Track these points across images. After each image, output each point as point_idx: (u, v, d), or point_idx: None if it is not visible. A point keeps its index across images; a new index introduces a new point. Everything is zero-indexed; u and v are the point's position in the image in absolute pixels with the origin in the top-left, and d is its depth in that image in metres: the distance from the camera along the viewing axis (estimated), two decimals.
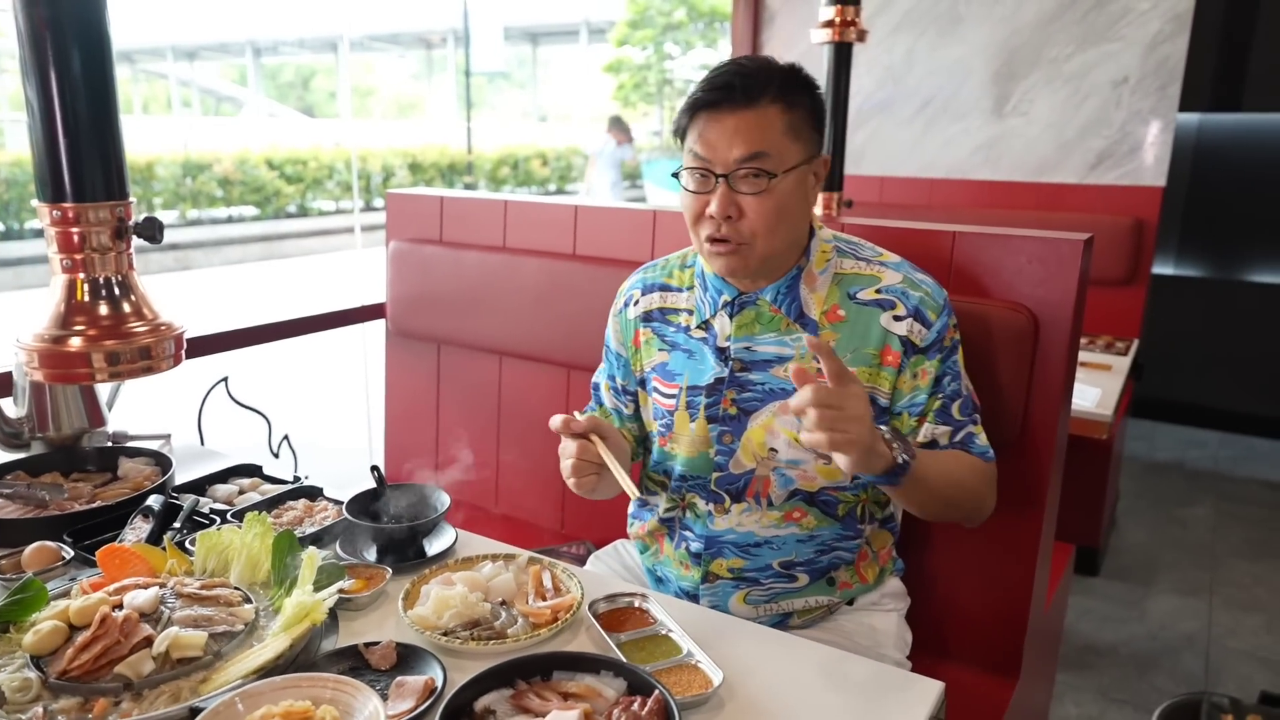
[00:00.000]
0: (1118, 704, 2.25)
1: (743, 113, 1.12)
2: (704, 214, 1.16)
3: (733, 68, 1.14)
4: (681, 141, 1.19)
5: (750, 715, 0.90)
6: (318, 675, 0.84)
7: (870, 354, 1.19)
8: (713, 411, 1.24)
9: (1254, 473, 3.83)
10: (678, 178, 1.18)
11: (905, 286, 1.20)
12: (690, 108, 1.16)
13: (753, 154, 1.12)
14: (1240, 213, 4.18)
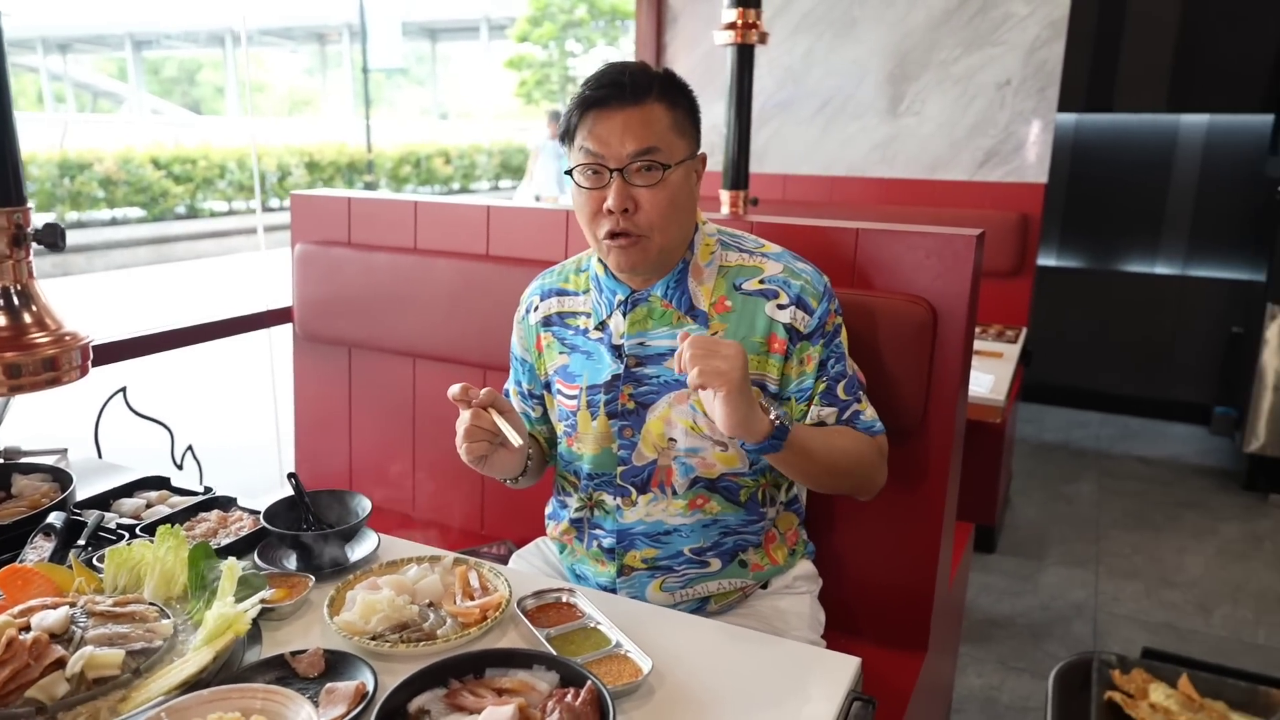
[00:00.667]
0: (1016, 672, 2.38)
1: (631, 109, 1.16)
2: (600, 210, 1.18)
3: (615, 69, 1.18)
4: (569, 142, 1.21)
5: (679, 700, 0.94)
6: (246, 686, 0.83)
7: (757, 342, 1.24)
8: (612, 408, 1.27)
9: (1130, 449, 4.10)
10: (570, 175, 1.21)
11: (787, 276, 1.25)
12: (579, 106, 1.18)
13: (645, 148, 1.16)
14: (1115, 207, 4.47)
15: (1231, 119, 4.18)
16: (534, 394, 1.39)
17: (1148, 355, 4.45)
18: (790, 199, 3.62)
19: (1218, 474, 3.80)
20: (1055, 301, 4.43)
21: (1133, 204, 4.43)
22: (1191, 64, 4.09)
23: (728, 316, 1.25)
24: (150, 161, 11.63)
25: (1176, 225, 4.39)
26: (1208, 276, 4.34)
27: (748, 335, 1.24)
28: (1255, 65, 3.95)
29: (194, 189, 12.03)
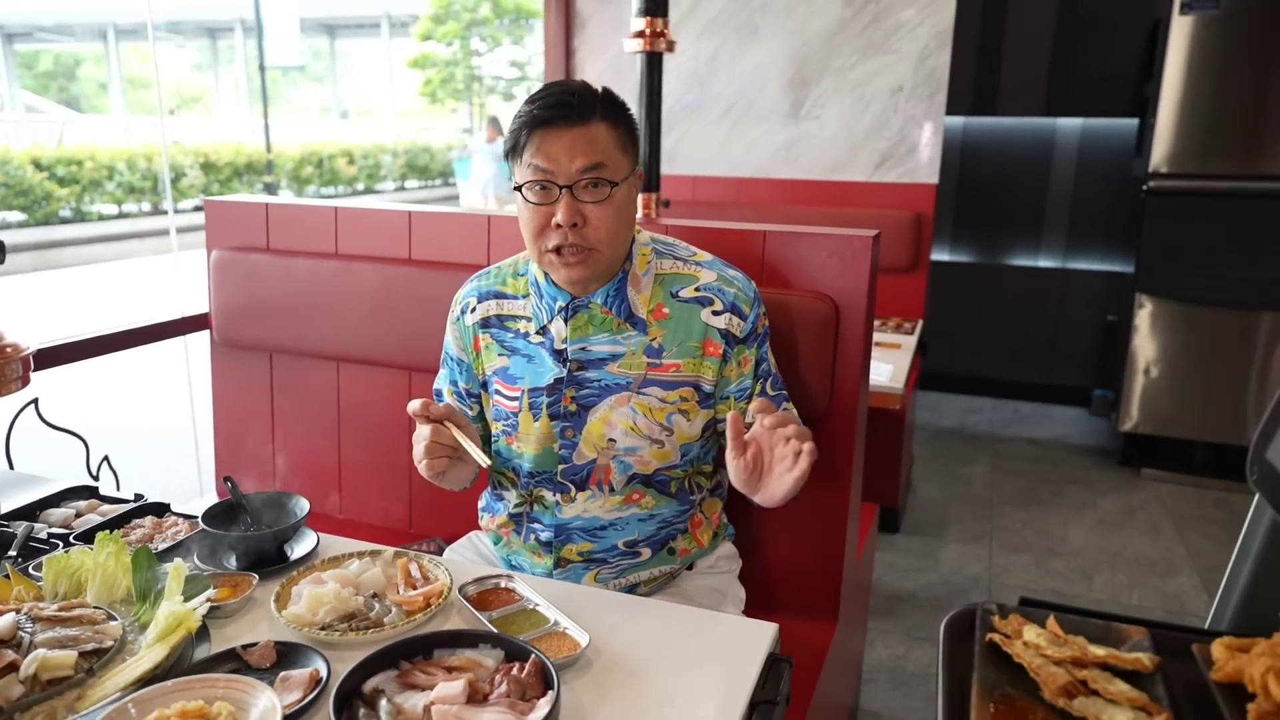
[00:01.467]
0: (919, 642, 2.55)
1: (578, 129, 1.22)
2: (548, 224, 1.24)
3: (561, 88, 1.24)
4: (516, 158, 1.26)
5: (615, 669, 1.02)
6: (207, 676, 0.87)
7: (694, 346, 1.33)
8: (554, 409, 1.34)
9: (1019, 432, 4.38)
10: (520, 190, 1.26)
11: (721, 284, 1.35)
12: (528, 125, 1.23)
13: (593, 165, 1.22)
14: (1000, 204, 4.75)
15: (1102, 122, 4.50)
16: (471, 393, 1.44)
17: (1033, 344, 4.75)
18: (699, 200, 3.74)
19: (1097, 452, 4.11)
20: (948, 295, 4.68)
21: (1016, 202, 4.73)
22: (1066, 72, 4.39)
23: (666, 323, 1.33)
24: (31, 163, 11.02)
25: (1056, 221, 4.70)
26: (1085, 269, 4.66)
27: (685, 340, 1.32)
28: (1121, 73, 4.27)
29: (80, 191, 11.45)
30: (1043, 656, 0.81)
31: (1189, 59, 3.52)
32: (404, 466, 1.94)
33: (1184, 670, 0.83)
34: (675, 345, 1.32)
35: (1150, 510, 3.48)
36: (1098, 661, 0.82)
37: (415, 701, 0.89)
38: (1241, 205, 3.52)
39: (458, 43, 15.13)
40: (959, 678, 0.82)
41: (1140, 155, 3.94)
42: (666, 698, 0.97)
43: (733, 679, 1.00)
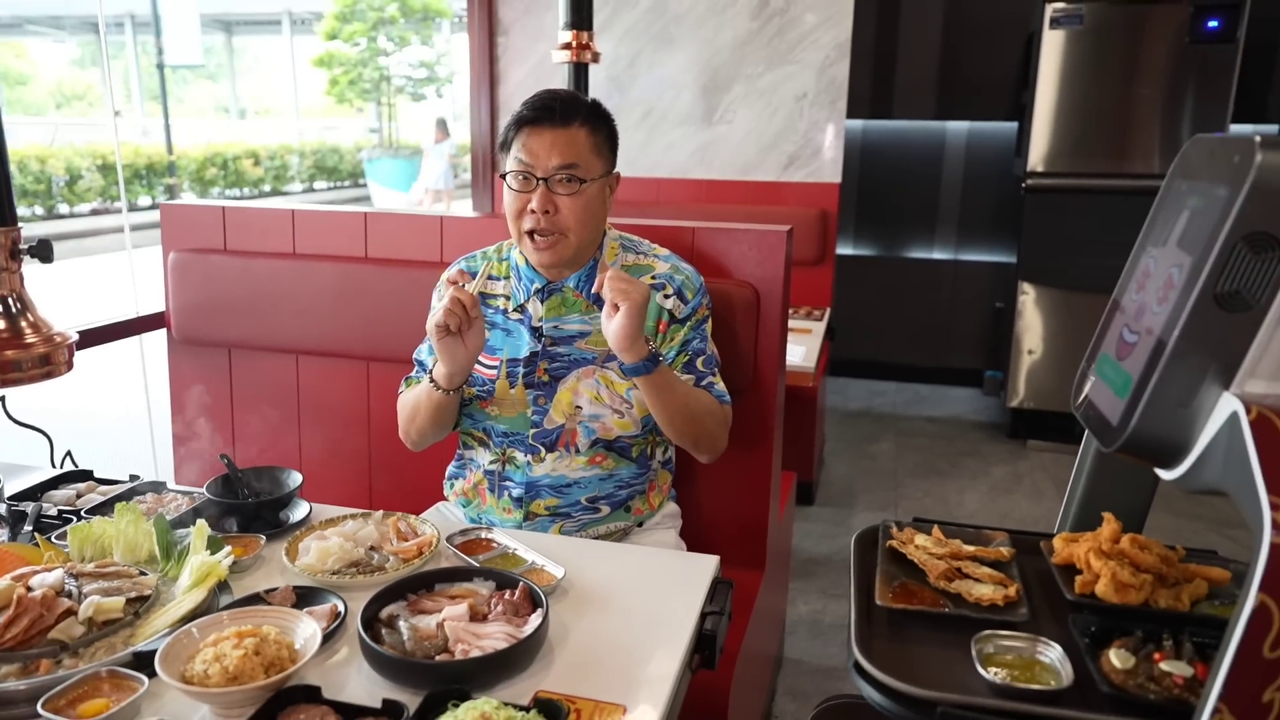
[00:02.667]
0: (835, 598, 2.82)
1: (559, 130, 1.42)
2: (525, 209, 1.44)
3: (549, 95, 1.45)
4: (506, 151, 1.47)
5: (588, 595, 1.21)
6: (254, 608, 1.03)
7: (651, 326, 1.54)
8: (529, 379, 1.53)
9: (920, 412, 4.75)
10: (505, 179, 1.46)
11: (672, 273, 1.57)
12: (516, 124, 1.44)
13: (568, 163, 1.42)
14: (897, 202, 5.11)
15: (986, 125, 4.90)
16: None
17: (930, 330, 5.13)
18: (622, 199, 3.92)
19: (989, 427, 4.49)
20: (852, 285, 5.01)
21: (912, 199, 5.09)
22: (953, 79, 4.77)
23: None
24: None
25: (948, 216, 5.09)
26: (974, 260, 5.06)
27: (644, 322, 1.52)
28: (1002, 81, 4.67)
29: None
30: (929, 554, 1.05)
31: (1059, 69, 3.91)
32: (364, 450, 2.09)
33: (1033, 560, 1.09)
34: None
35: (1035, 476, 3.86)
36: (969, 555, 1.06)
37: (428, 622, 1.07)
38: (1108, 201, 3.93)
39: (364, 42, 14.97)
40: (866, 574, 1.05)
41: (1019, 156, 4.33)
42: (633, 614, 1.17)
43: (686, 597, 1.21)
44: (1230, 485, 0.76)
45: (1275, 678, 0.69)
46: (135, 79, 16.66)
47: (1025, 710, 0.82)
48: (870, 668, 0.87)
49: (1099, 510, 1.10)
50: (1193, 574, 1.02)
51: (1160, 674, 0.84)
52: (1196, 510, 3.44)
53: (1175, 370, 0.81)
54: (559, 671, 1.04)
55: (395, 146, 15.18)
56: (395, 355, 2.00)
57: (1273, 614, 0.69)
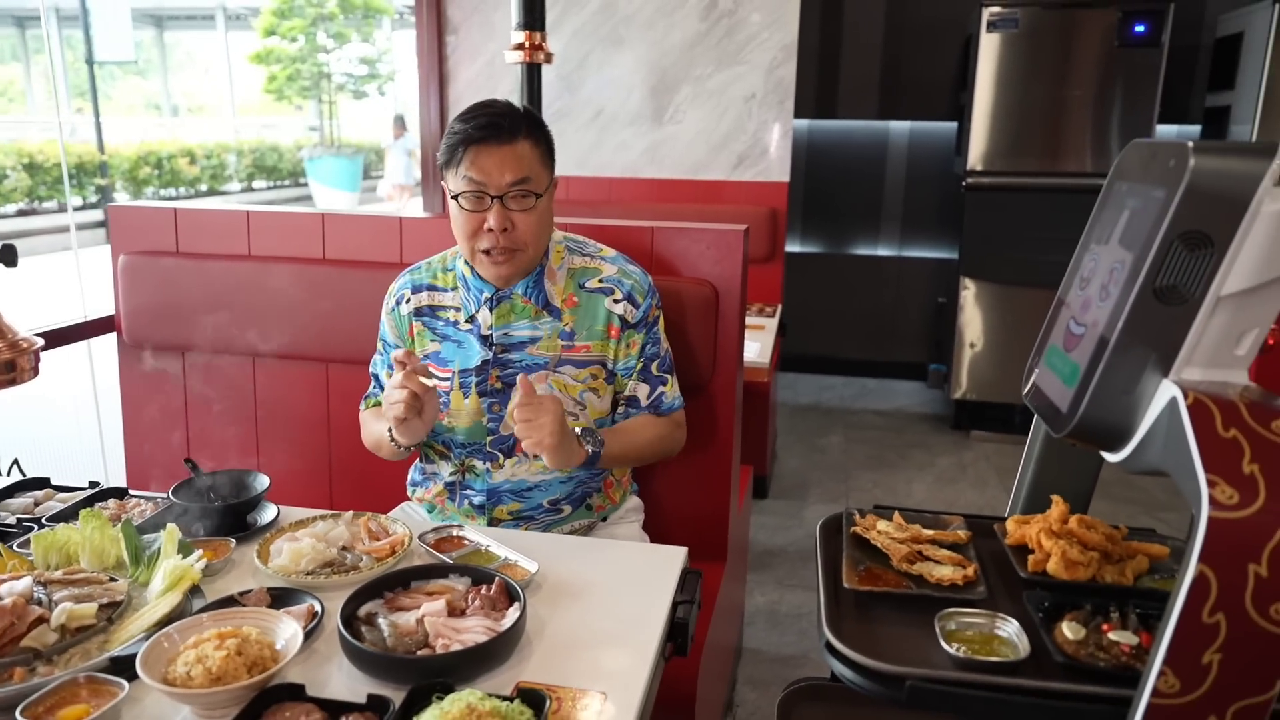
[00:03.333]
0: (791, 588, 2.89)
1: (508, 146, 1.42)
2: (480, 229, 1.44)
3: (491, 110, 1.44)
4: (452, 170, 1.44)
5: (562, 589, 1.24)
6: (233, 609, 1.04)
7: (600, 330, 1.56)
8: (483, 388, 1.54)
9: (868, 405, 4.86)
10: (457, 200, 1.45)
11: (620, 276, 1.58)
12: (463, 143, 1.42)
13: (521, 179, 1.43)
14: (843, 200, 5.22)
15: (927, 125, 5.03)
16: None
17: (876, 325, 5.25)
18: (574, 199, 3.96)
19: (934, 419, 4.62)
20: (801, 282, 5.11)
21: (857, 197, 5.20)
22: (894, 80, 4.88)
23: (576, 310, 1.56)
24: None
25: (891, 214, 5.21)
26: (917, 256, 5.19)
27: (592, 324, 1.55)
28: (941, 82, 4.80)
29: None
30: (891, 538, 1.10)
31: (996, 71, 4.04)
32: (324, 452, 2.08)
33: (988, 542, 1.15)
34: (584, 329, 1.56)
35: (979, 466, 3.98)
36: (929, 539, 1.11)
37: (407, 618, 1.09)
38: (1044, 198, 4.07)
39: (303, 38, 14.67)
40: (833, 559, 1.10)
41: (959, 155, 4.46)
42: (606, 605, 1.20)
43: (657, 588, 1.25)
44: (1170, 465, 0.82)
45: (1214, 641, 0.75)
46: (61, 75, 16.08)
47: (987, 681, 0.87)
48: (842, 647, 0.92)
49: (1047, 493, 1.17)
50: (1135, 551, 1.09)
51: (1109, 643, 0.90)
52: (1130, 495, 3.59)
53: (1119, 360, 0.87)
54: (538, 662, 1.07)
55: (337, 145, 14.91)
56: (355, 357, 1.99)
57: (1211, 583, 0.75)
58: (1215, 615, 0.75)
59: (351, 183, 14.38)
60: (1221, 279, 0.83)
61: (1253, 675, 0.75)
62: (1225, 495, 0.74)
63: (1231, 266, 0.82)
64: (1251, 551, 0.74)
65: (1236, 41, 4.13)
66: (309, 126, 16.82)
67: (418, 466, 1.70)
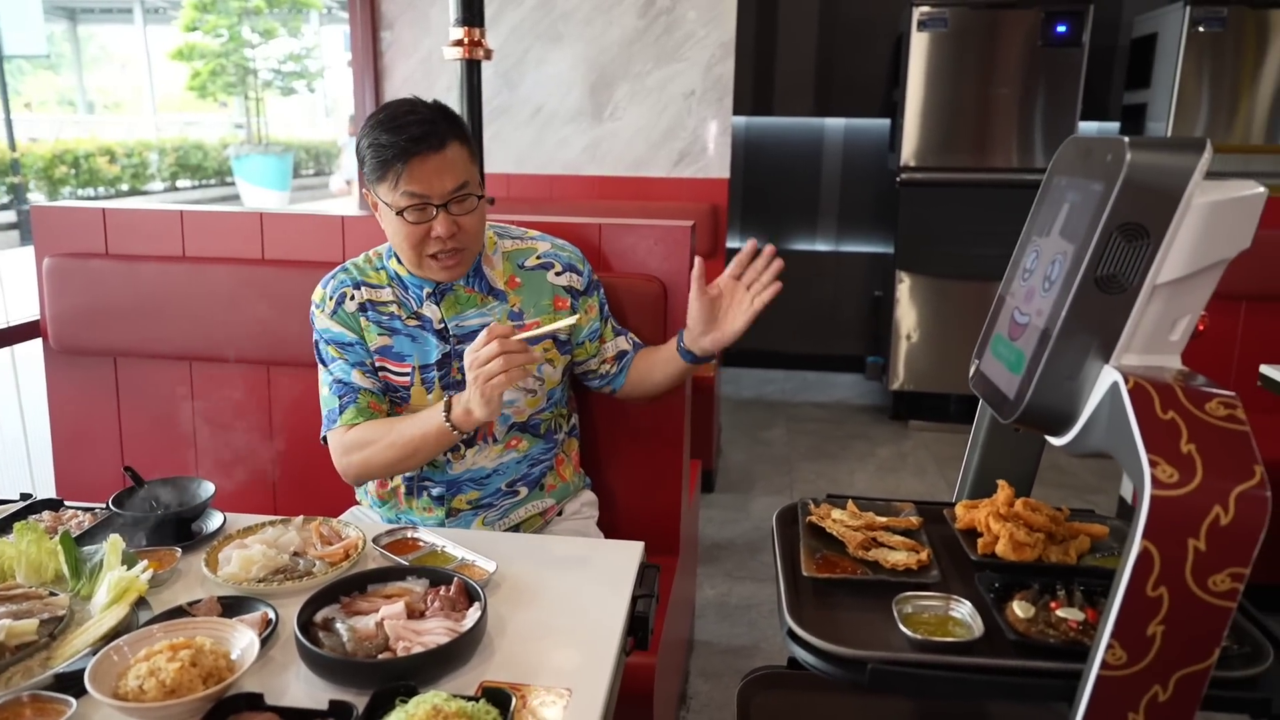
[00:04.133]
0: (740, 580, 2.92)
1: (441, 154, 1.40)
2: (427, 237, 1.43)
3: (416, 119, 1.39)
4: (387, 183, 1.40)
5: (521, 587, 1.23)
6: (186, 620, 1.01)
7: (547, 304, 1.58)
8: (445, 381, 1.54)
9: (809, 398, 4.93)
10: (402, 214, 1.41)
11: (555, 250, 1.62)
12: (397, 157, 1.38)
13: (460, 184, 1.42)
14: (781, 195, 5.28)
15: (862, 122, 5.13)
16: (375, 369, 1.56)
17: (815, 319, 5.33)
18: (515, 196, 3.94)
19: (873, 410, 4.71)
20: None
21: (794, 193, 5.28)
22: (829, 77, 4.97)
23: (520, 290, 1.57)
24: None
25: (828, 209, 5.30)
26: (854, 250, 5.29)
27: (539, 300, 1.57)
28: (874, 79, 4.89)
29: None
30: (846, 526, 1.13)
31: (926, 69, 4.14)
32: (268, 457, 2.03)
33: (939, 527, 1.18)
34: (532, 306, 1.58)
35: (918, 455, 4.08)
36: (883, 526, 1.14)
37: (366, 622, 1.07)
38: (975, 194, 4.19)
39: (227, 33, 14.24)
40: (790, 548, 1.12)
41: (893, 151, 4.56)
42: (566, 602, 1.20)
43: (615, 583, 1.25)
44: (1113, 447, 0.86)
45: (1157, 614, 0.79)
46: None
47: (944, 661, 0.90)
48: (804, 634, 0.94)
49: (993, 478, 1.21)
50: (1077, 531, 1.13)
51: (1058, 620, 0.93)
52: (1061, 480, 3.72)
53: (1063, 347, 0.90)
54: (501, 662, 1.06)
55: (265, 143, 14.51)
56: (298, 359, 1.95)
57: (1154, 558, 0.78)
58: (1158, 589, 0.78)
59: (281, 181, 14.02)
60: (1157, 268, 0.87)
61: (1193, 645, 0.79)
62: (1166, 474, 0.78)
63: (1166, 256, 0.86)
64: (1191, 527, 0.77)
65: (1151, 42, 4.31)
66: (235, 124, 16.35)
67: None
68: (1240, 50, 4.03)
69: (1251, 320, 2.83)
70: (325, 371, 1.57)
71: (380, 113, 1.44)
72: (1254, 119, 4.12)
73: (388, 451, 1.45)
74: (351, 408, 1.51)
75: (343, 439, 1.50)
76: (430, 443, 1.42)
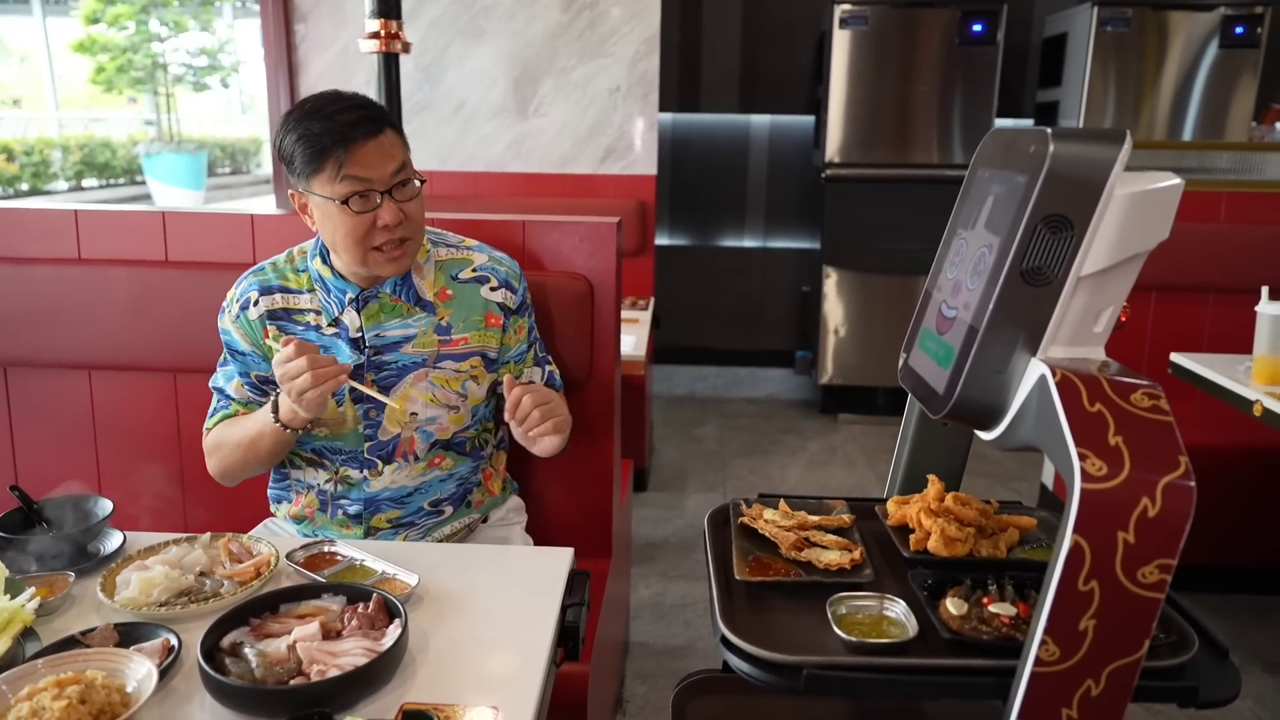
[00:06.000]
0: (675, 579, 2.90)
1: (378, 139, 1.34)
2: (372, 228, 1.35)
3: (347, 102, 1.34)
4: (322, 173, 1.33)
5: (445, 600, 1.18)
6: (75, 651, 0.93)
7: (478, 320, 1.51)
8: (357, 394, 1.45)
9: (739, 394, 4.95)
10: (346, 203, 1.33)
11: (493, 264, 1.54)
12: (337, 143, 1.31)
13: (401, 166, 1.36)
14: (708, 192, 5.29)
15: (787, 118, 5.16)
16: (265, 381, 1.50)
17: (744, 315, 5.36)
18: (438, 194, 3.85)
19: (803, 404, 4.76)
20: (671, 275, 5.15)
21: (722, 189, 5.29)
22: (754, 73, 4.99)
23: (450, 303, 1.50)
24: None
25: (755, 205, 5.33)
26: (782, 246, 5.32)
27: (469, 315, 1.50)
28: (798, 76, 4.93)
29: None
30: (778, 527, 1.11)
31: (848, 66, 4.19)
32: (175, 471, 1.93)
33: (871, 524, 1.17)
34: (461, 321, 1.50)
35: (847, 448, 4.13)
36: (815, 525, 1.12)
37: (277, 645, 1.01)
38: (897, 189, 4.26)
39: (134, 26, 13.62)
40: (722, 551, 1.09)
41: (818, 147, 4.60)
42: (492, 614, 1.16)
43: (544, 592, 1.21)
44: (1042, 441, 0.85)
45: (1089, 608, 0.79)
46: None
47: (879, 663, 0.88)
48: (737, 640, 0.91)
49: (923, 472, 1.20)
50: (1006, 524, 1.14)
51: (990, 616, 0.93)
52: (984, 469, 3.81)
53: (991, 340, 0.89)
54: (423, 681, 1.01)
55: (178, 140, 13.93)
56: (206, 365, 1.84)
57: (1085, 552, 0.78)
58: (1090, 583, 0.78)
59: (195, 180, 13.49)
60: (1081, 260, 0.86)
61: (1124, 637, 0.79)
62: (1095, 467, 0.77)
63: (1090, 247, 0.86)
64: (1120, 520, 0.77)
65: (1062, 41, 4.44)
66: (145, 120, 15.67)
67: (278, 477, 1.59)
68: (1144, 50, 4.19)
69: (1161, 310, 2.93)
70: (217, 373, 1.56)
71: (305, 105, 1.37)
72: (1157, 116, 4.28)
73: (235, 452, 1.46)
74: (220, 413, 1.52)
75: (206, 442, 1.53)
76: (267, 441, 1.41)
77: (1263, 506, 2.63)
